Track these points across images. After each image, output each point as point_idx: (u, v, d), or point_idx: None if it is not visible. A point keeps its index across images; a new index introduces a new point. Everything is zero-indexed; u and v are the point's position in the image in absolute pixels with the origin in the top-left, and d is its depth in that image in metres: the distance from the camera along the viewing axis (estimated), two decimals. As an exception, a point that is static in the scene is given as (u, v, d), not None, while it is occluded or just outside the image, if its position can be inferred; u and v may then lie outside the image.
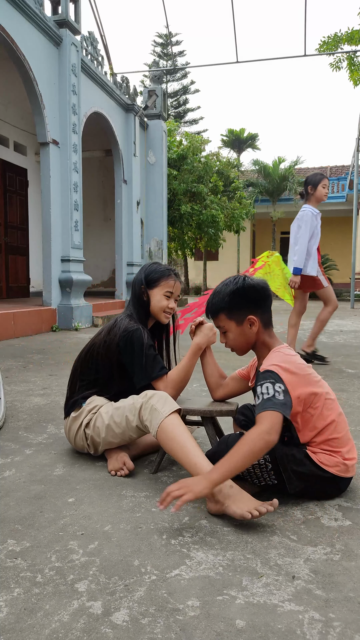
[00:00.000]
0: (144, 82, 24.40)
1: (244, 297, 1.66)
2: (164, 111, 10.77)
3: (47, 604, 1.09)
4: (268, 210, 20.05)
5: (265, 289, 1.69)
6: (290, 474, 1.55)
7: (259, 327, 1.68)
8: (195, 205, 12.98)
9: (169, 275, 2.03)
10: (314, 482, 1.57)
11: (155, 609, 1.07)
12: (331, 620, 1.04)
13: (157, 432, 1.66)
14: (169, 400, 1.72)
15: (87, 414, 1.91)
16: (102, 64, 8.33)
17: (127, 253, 9.66)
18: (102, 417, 1.86)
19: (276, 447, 1.51)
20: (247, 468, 1.54)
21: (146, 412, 1.72)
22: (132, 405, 1.78)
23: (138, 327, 1.92)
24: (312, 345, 4.37)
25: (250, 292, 1.66)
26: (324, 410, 1.59)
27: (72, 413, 1.96)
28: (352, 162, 16.59)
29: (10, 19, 5.76)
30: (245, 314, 1.66)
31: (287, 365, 1.56)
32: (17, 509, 1.53)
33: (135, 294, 2.04)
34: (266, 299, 1.69)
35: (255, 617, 1.05)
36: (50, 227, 6.78)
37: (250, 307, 1.66)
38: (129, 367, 1.90)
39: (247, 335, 1.69)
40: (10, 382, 3.45)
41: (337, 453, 1.59)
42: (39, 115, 6.53)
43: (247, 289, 1.66)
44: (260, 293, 1.67)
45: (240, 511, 1.40)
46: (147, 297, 2.02)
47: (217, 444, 1.69)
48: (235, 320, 1.68)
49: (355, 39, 8.80)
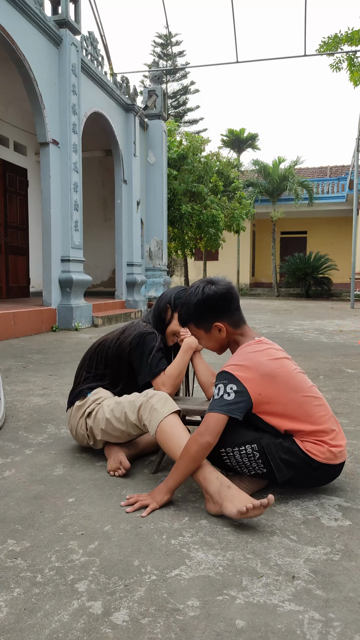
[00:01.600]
0: (144, 82, 24.40)
1: (206, 307, 1.71)
2: (164, 111, 10.77)
3: (47, 604, 1.09)
4: (268, 210, 20.04)
5: (226, 294, 1.71)
6: (279, 462, 1.57)
7: (228, 330, 1.74)
8: (195, 205, 12.97)
9: None
10: (302, 470, 1.58)
11: (155, 609, 1.07)
12: (331, 620, 1.04)
13: (156, 432, 1.67)
14: (169, 401, 1.73)
15: (92, 403, 1.94)
16: (102, 64, 8.33)
17: (127, 253, 9.66)
18: (103, 409, 1.88)
19: (262, 436, 1.58)
20: (236, 458, 1.60)
21: (145, 412, 1.73)
22: (132, 402, 1.80)
23: (153, 332, 1.99)
24: None
25: (211, 302, 1.71)
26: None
27: (76, 402, 1.98)
28: (352, 162, 16.59)
29: (10, 19, 5.76)
30: (211, 322, 1.73)
31: (245, 362, 1.60)
32: (17, 509, 1.53)
33: (159, 309, 2.10)
34: (229, 303, 1.72)
35: (255, 617, 1.05)
36: (50, 227, 6.78)
37: (214, 315, 1.72)
38: (136, 366, 1.94)
39: (218, 339, 1.76)
40: (10, 382, 3.44)
41: (323, 442, 1.59)
42: (39, 115, 6.53)
43: (207, 300, 1.71)
44: (221, 300, 1.71)
45: (235, 508, 1.40)
46: (169, 317, 2.08)
47: None
48: (203, 329, 1.76)
49: (355, 40, 8.80)
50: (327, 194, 20.61)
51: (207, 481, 1.51)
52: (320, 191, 20.62)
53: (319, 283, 19.21)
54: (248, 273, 22.81)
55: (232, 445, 1.59)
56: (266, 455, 1.57)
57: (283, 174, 18.70)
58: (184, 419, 2.02)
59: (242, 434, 1.60)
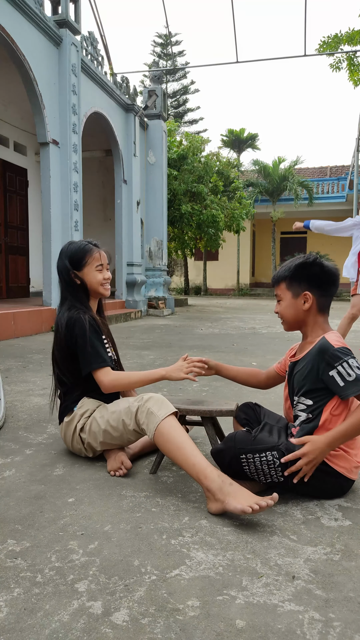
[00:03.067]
0: (144, 82, 24.39)
1: (307, 272, 1.67)
2: (164, 111, 10.76)
3: (47, 604, 1.09)
4: (268, 210, 20.05)
5: (333, 274, 1.69)
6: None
7: (313, 307, 1.69)
8: (195, 205, 12.97)
9: (91, 250, 1.99)
10: (318, 477, 1.57)
11: (155, 609, 1.07)
12: (331, 620, 1.04)
13: (154, 435, 1.65)
14: (165, 402, 1.72)
15: (80, 418, 1.90)
16: (102, 64, 8.33)
17: (127, 253, 9.66)
18: (97, 421, 1.85)
19: (281, 443, 1.56)
20: (256, 465, 1.56)
21: (142, 416, 1.71)
22: (127, 409, 1.78)
23: (79, 316, 1.89)
24: None
25: (315, 270, 1.67)
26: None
27: (65, 418, 1.96)
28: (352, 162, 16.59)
29: (10, 19, 5.76)
30: (303, 288, 1.68)
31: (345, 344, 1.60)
32: (17, 509, 1.53)
33: (67, 283, 1.99)
34: (330, 283, 1.69)
35: (255, 617, 1.05)
36: (50, 227, 6.78)
37: (310, 283, 1.67)
38: (80, 358, 1.88)
39: (298, 309, 1.70)
40: (10, 382, 3.44)
41: (349, 453, 1.59)
42: (39, 115, 6.53)
43: (313, 266, 1.67)
44: (326, 275, 1.68)
45: (240, 506, 1.40)
46: (80, 279, 1.98)
47: (223, 442, 1.68)
48: (292, 292, 1.70)
49: (355, 40, 8.80)
50: (327, 194, 20.61)
51: (209, 480, 1.51)
52: (320, 191, 20.62)
53: (319, 283, 19.17)
54: (248, 273, 22.81)
55: (254, 452, 1.57)
56: (286, 464, 1.55)
57: (283, 174, 18.72)
58: (184, 419, 2.02)
59: (264, 440, 1.59)
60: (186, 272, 20.59)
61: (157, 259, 10.88)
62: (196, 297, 19.61)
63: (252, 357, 4.56)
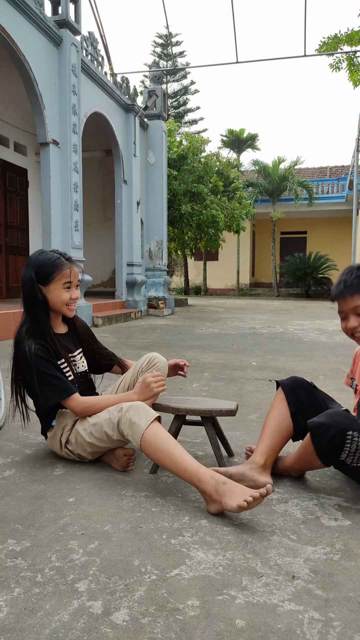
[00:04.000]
0: (144, 83, 24.39)
1: None
2: (164, 111, 10.77)
3: (47, 603, 1.09)
4: (268, 210, 20.05)
5: None
6: None
7: None
8: (195, 205, 12.97)
9: (61, 265, 1.81)
10: None
11: (155, 608, 1.07)
12: (331, 620, 1.04)
13: (140, 445, 1.63)
14: (145, 409, 1.68)
15: (62, 431, 1.89)
16: (102, 64, 8.33)
17: (127, 253, 9.67)
18: (80, 434, 1.83)
19: None
20: (358, 444, 1.49)
21: (125, 427, 1.69)
22: (108, 420, 1.75)
23: (24, 350, 1.75)
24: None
25: None
26: None
27: (47, 433, 1.96)
28: (352, 162, 16.59)
29: (11, 19, 5.76)
30: None
31: None
32: (17, 509, 1.53)
33: (28, 295, 1.80)
34: None
35: (255, 617, 1.05)
36: (50, 227, 6.78)
37: None
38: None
39: None
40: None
41: None
42: (39, 116, 6.53)
43: None
44: None
45: (236, 503, 1.40)
46: (42, 295, 1.81)
47: (326, 415, 1.55)
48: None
49: (355, 40, 8.80)
50: (327, 194, 20.62)
51: (203, 482, 1.50)
52: (320, 191, 20.62)
53: (318, 283, 19.21)
54: (248, 273, 22.81)
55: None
56: None
57: (283, 174, 18.71)
58: (184, 419, 2.01)
59: None
60: (186, 272, 20.59)
61: (157, 259, 10.89)
62: (196, 297, 19.61)
63: (252, 357, 4.56)
